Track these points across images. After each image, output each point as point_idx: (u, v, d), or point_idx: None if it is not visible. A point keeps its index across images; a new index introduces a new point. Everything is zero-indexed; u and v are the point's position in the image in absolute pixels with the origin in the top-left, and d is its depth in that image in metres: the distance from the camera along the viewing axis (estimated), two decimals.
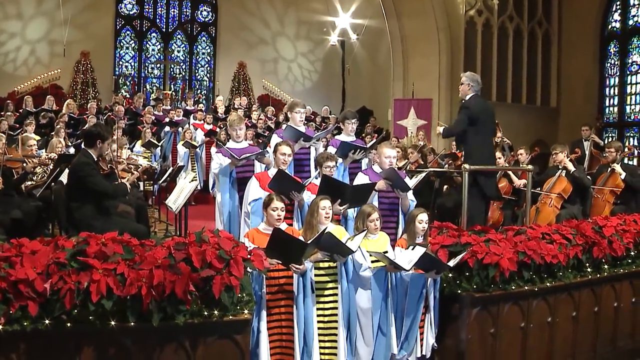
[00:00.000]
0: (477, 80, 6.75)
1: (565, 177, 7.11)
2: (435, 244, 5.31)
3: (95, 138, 5.07)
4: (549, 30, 15.11)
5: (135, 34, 17.87)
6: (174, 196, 5.53)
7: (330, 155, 5.76)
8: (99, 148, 5.09)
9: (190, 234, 4.14)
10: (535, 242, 5.44)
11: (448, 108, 14.13)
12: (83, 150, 5.05)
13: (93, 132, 5.12)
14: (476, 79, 6.76)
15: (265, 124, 14.05)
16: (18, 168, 7.04)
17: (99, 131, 5.12)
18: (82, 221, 4.75)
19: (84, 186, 4.81)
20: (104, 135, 5.10)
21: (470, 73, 6.84)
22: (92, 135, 5.10)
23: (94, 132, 5.12)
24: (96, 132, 5.11)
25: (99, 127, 5.23)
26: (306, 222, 4.88)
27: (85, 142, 5.11)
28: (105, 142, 5.10)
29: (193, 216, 8.65)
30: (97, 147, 5.08)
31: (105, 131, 5.16)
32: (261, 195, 5.18)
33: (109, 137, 5.19)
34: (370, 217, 5.02)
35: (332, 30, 17.95)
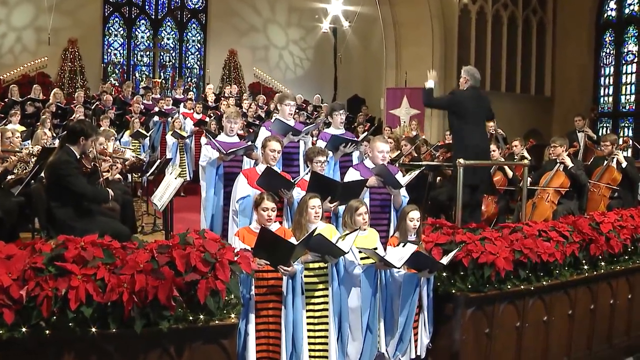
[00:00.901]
0: (474, 75, 6.81)
1: (562, 172, 6.97)
2: (429, 242, 5.17)
3: (79, 135, 4.86)
4: (543, 19, 14.95)
5: (124, 21, 17.56)
6: (160, 192, 5.34)
7: (321, 150, 5.58)
8: (82, 145, 4.87)
9: (173, 235, 3.97)
10: (532, 240, 5.31)
11: None
12: (65, 147, 4.83)
13: (76, 129, 4.90)
14: (473, 73, 6.83)
15: (256, 112, 13.84)
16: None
17: (82, 128, 4.90)
18: (63, 222, 4.56)
19: (64, 186, 4.61)
20: (88, 132, 4.87)
21: (469, 67, 6.99)
22: (75, 132, 4.88)
23: (77, 128, 4.90)
24: (79, 128, 4.89)
25: (82, 123, 4.99)
26: (295, 221, 4.72)
27: (68, 138, 4.89)
28: (89, 139, 4.88)
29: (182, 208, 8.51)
30: (80, 145, 4.87)
31: (89, 128, 4.93)
32: (249, 192, 5.02)
33: (94, 135, 4.97)
34: (357, 211, 4.87)
35: (324, 17, 17.69)
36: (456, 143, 6.85)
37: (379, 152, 5.46)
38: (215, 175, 5.59)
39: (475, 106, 6.65)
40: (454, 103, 6.75)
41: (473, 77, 6.74)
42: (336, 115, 6.56)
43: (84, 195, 4.69)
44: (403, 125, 13.24)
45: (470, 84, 6.74)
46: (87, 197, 4.70)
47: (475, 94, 6.75)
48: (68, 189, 4.62)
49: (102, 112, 12.00)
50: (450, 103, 6.84)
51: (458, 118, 6.71)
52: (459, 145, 6.74)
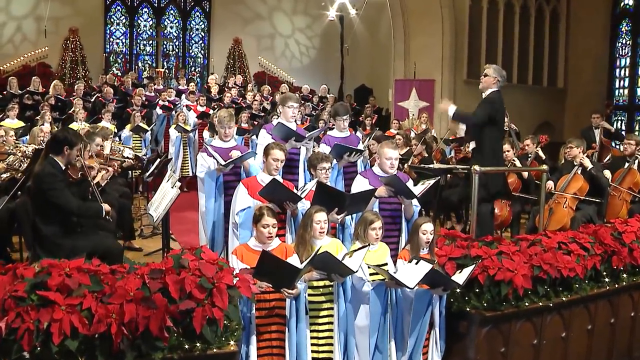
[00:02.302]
0: (504, 75, 6.09)
1: (581, 175, 6.58)
2: (443, 256, 4.86)
3: (62, 144, 4.54)
4: (557, 8, 14.50)
5: (126, 10, 17.19)
6: (156, 201, 5.04)
7: (325, 156, 5.24)
8: (66, 155, 4.56)
9: (167, 258, 3.67)
10: (552, 253, 4.99)
11: (451, 90, 13.56)
12: (49, 158, 4.52)
13: (59, 138, 4.58)
14: (503, 74, 6.09)
15: (261, 104, 13.49)
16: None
17: (65, 136, 4.58)
18: (49, 238, 4.26)
19: (48, 200, 4.30)
20: (72, 141, 4.54)
21: (497, 66, 6.15)
22: (58, 141, 4.56)
23: (60, 137, 4.59)
24: (62, 137, 4.57)
25: (66, 132, 4.65)
26: (298, 235, 4.41)
27: (51, 148, 4.57)
28: (74, 148, 4.55)
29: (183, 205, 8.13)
30: (64, 155, 4.56)
31: (73, 136, 4.59)
32: (250, 204, 4.70)
33: (79, 143, 4.64)
34: (372, 225, 4.56)
35: (331, 4, 17.25)
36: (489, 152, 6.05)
37: (387, 159, 5.11)
38: (215, 187, 5.26)
39: (503, 111, 6.14)
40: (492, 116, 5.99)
41: (503, 78, 6.06)
42: (339, 120, 6.22)
43: (70, 211, 4.37)
44: (412, 118, 12.86)
45: (498, 86, 6.01)
46: (73, 212, 4.39)
47: (502, 97, 6.09)
48: (53, 203, 4.31)
49: (103, 105, 11.68)
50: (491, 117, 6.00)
51: (492, 125, 6.04)
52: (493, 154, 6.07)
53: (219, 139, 5.69)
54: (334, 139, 6.15)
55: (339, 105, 6.57)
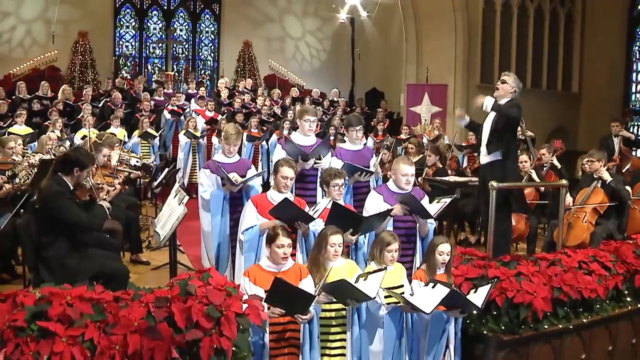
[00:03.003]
0: (520, 87, 5.93)
1: (601, 189, 6.37)
2: (459, 276, 4.69)
3: (73, 165, 4.40)
4: (572, 10, 14.25)
5: (135, 12, 17.08)
6: (163, 217, 4.89)
7: (338, 172, 5.04)
8: (76, 177, 4.43)
9: (173, 285, 3.52)
10: (572, 273, 4.82)
11: (464, 94, 13.33)
12: (57, 177, 4.37)
13: (71, 158, 4.43)
14: (520, 86, 5.94)
15: (271, 109, 13.33)
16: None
17: (77, 157, 4.43)
18: (54, 259, 4.12)
19: (57, 218, 4.15)
20: (84, 163, 4.41)
21: (512, 75, 5.97)
22: (69, 162, 4.41)
23: (72, 158, 4.43)
24: (74, 158, 4.43)
25: (78, 152, 4.52)
26: (312, 257, 4.25)
27: (61, 168, 4.43)
28: (84, 170, 4.40)
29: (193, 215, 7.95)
30: (74, 175, 4.42)
31: (85, 157, 4.47)
32: (256, 222, 4.52)
33: (90, 165, 4.49)
34: (389, 246, 4.40)
35: (341, 6, 17.04)
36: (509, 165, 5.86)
37: (403, 175, 4.94)
38: (222, 206, 5.09)
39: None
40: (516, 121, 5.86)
41: (519, 88, 5.89)
42: (352, 131, 6.03)
43: (80, 225, 4.23)
44: (424, 123, 12.65)
45: (514, 96, 5.84)
46: (84, 226, 4.25)
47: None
48: (61, 222, 4.17)
49: (111, 111, 11.58)
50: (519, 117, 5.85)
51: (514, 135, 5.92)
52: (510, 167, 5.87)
53: (222, 153, 5.52)
54: (346, 152, 5.97)
55: (352, 116, 6.35)
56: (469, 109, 13.31)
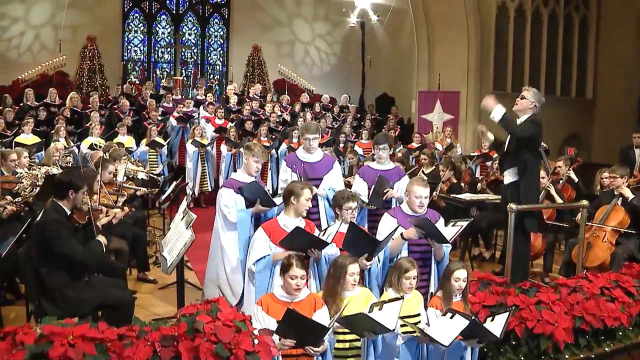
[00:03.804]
0: (542, 102, 5.73)
1: (621, 207, 6.14)
2: (476, 303, 4.52)
3: (67, 189, 4.25)
4: (586, 16, 14.01)
5: (144, 17, 16.92)
6: (170, 240, 4.72)
7: (351, 195, 4.86)
8: (72, 200, 4.28)
9: (180, 322, 3.36)
10: (594, 301, 4.64)
11: (477, 102, 13.09)
12: (53, 204, 4.24)
13: (63, 182, 4.28)
14: (542, 101, 5.74)
15: (280, 116, 13.16)
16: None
17: (70, 180, 4.28)
18: (55, 291, 3.97)
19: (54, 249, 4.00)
20: (77, 185, 4.25)
21: (536, 90, 5.78)
22: (62, 186, 4.27)
23: (64, 181, 4.28)
24: (67, 181, 4.27)
25: (71, 174, 4.36)
26: (329, 287, 4.07)
27: (55, 193, 4.29)
28: (79, 191, 4.25)
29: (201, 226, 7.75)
30: (69, 199, 4.27)
31: (78, 179, 4.31)
32: (269, 252, 4.32)
33: (84, 186, 4.33)
34: (407, 273, 4.25)
35: (351, 10, 16.86)
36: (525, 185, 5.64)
37: (417, 197, 4.75)
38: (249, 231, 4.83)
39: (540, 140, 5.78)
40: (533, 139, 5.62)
41: (540, 103, 5.69)
42: (377, 150, 5.85)
43: (75, 259, 4.07)
44: (436, 131, 12.45)
45: (534, 112, 5.65)
46: (79, 260, 4.08)
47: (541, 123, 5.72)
48: (58, 253, 4.02)
49: (119, 119, 11.46)
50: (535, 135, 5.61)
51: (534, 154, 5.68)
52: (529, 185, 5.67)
53: (245, 172, 5.19)
54: (372, 171, 5.80)
55: (380, 134, 6.08)
56: (481, 116, 13.23)
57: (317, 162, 5.72)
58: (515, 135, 5.62)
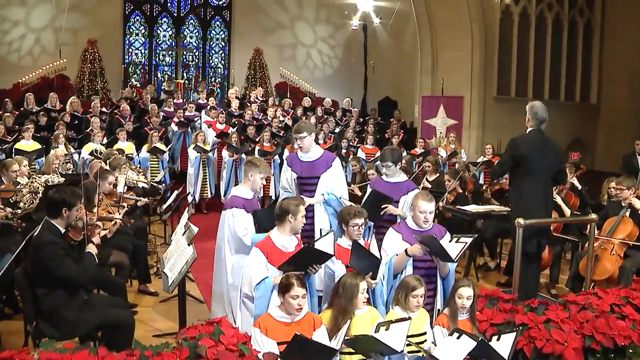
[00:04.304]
0: (537, 113, 5.62)
1: (630, 219, 6.03)
2: (484, 321, 4.42)
3: (60, 206, 4.15)
4: (591, 20, 13.89)
5: (145, 20, 16.84)
6: (172, 255, 4.61)
7: (358, 211, 4.74)
8: (65, 217, 4.18)
9: (182, 347, 3.27)
10: (604, 319, 4.52)
11: (481, 107, 13.02)
12: (46, 223, 4.13)
13: (56, 200, 4.16)
14: (536, 111, 5.63)
15: (282, 121, 13.05)
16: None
17: (63, 198, 4.16)
18: (53, 312, 3.86)
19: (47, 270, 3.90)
20: (71, 202, 4.15)
21: (531, 104, 5.71)
22: (55, 204, 4.16)
23: (57, 199, 4.16)
24: (60, 199, 4.15)
25: (63, 192, 4.23)
26: (340, 307, 3.96)
27: (49, 211, 4.19)
28: (72, 208, 4.14)
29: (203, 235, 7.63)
30: (63, 217, 4.17)
31: (71, 196, 4.19)
32: (268, 274, 4.16)
33: (78, 203, 4.23)
34: (414, 291, 4.15)
35: (354, 13, 16.76)
36: (511, 200, 5.87)
37: (421, 212, 4.64)
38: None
39: (539, 157, 5.56)
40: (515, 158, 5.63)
41: (535, 116, 5.60)
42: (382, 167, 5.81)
43: (70, 280, 3.96)
44: (439, 136, 12.34)
45: (531, 125, 5.64)
46: (74, 281, 3.98)
47: (538, 139, 5.62)
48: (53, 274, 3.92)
49: (119, 124, 11.37)
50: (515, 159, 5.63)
51: (517, 168, 5.65)
52: (514, 204, 5.78)
53: (246, 186, 5.02)
54: (384, 183, 5.72)
55: (387, 149, 5.95)
56: (485, 121, 13.16)
57: (316, 160, 5.64)
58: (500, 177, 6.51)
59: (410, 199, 5.24)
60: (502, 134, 12.65)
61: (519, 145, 5.59)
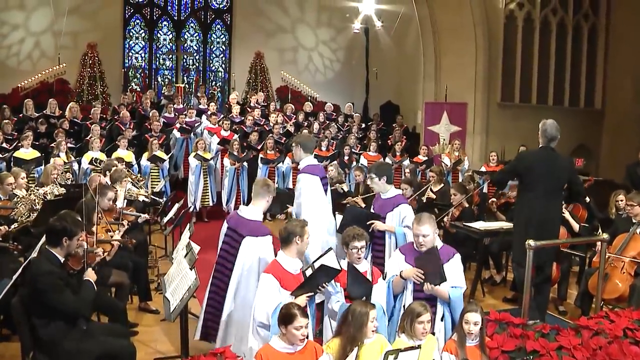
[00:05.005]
0: (545, 130, 5.59)
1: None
2: (494, 348, 4.29)
3: (61, 236, 4.02)
4: (596, 24, 13.74)
5: (145, 23, 16.71)
6: (174, 279, 4.47)
7: (358, 234, 4.58)
8: (65, 247, 4.05)
9: None
10: (617, 344, 4.40)
11: (484, 113, 12.88)
12: (45, 252, 4.00)
13: (57, 229, 4.03)
14: (545, 128, 5.60)
15: (284, 127, 12.93)
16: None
17: (64, 227, 4.03)
18: (51, 343, 3.73)
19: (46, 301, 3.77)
20: (72, 231, 4.03)
21: (543, 121, 5.68)
22: (56, 233, 4.03)
23: (58, 228, 4.03)
24: (61, 228, 4.02)
25: (65, 220, 4.09)
26: (348, 334, 3.82)
27: (48, 240, 4.06)
28: (73, 238, 4.02)
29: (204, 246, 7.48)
30: (63, 246, 4.04)
31: (72, 225, 4.06)
32: (281, 299, 4.00)
33: (79, 231, 4.09)
34: (420, 317, 4.02)
35: (355, 16, 16.62)
36: (515, 214, 5.84)
37: (415, 234, 4.51)
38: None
39: (544, 172, 5.49)
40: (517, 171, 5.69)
41: (544, 133, 5.57)
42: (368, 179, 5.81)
43: (68, 313, 3.83)
44: (442, 143, 12.20)
45: (542, 142, 5.60)
46: (70, 313, 3.84)
47: (546, 156, 5.58)
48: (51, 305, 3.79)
49: (119, 132, 11.24)
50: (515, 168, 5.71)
51: (522, 183, 5.64)
52: (517, 218, 5.75)
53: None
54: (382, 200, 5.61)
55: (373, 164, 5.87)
56: (488, 128, 13.03)
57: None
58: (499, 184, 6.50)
59: (398, 214, 5.27)
60: (506, 141, 12.56)
61: (525, 157, 5.76)
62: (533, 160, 5.58)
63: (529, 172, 5.52)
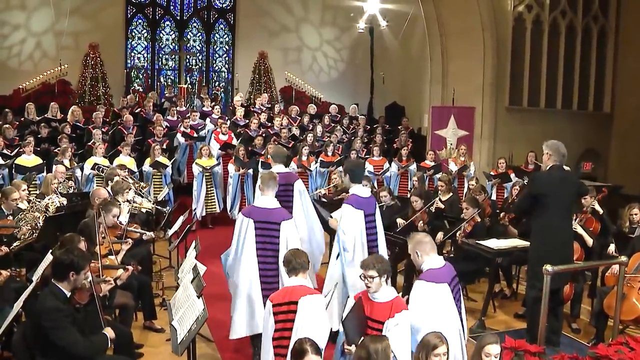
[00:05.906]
0: (558, 149, 5.59)
1: None
2: None
3: (68, 270, 3.88)
4: (605, 27, 13.50)
5: (147, 23, 16.52)
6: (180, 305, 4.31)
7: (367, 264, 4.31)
8: (72, 281, 3.91)
9: None
10: None
11: (492, 118, 12.68)
12: (51, 286, 3.86)
13: (64, 263, 3.89)
14: (557, 148, 5.59)
15: (289, 131, 12.75)
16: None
17: (71, 260, 3.89)
18: None
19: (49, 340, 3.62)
20: (79, 266, 3.89)
21: (552, 142, 5.64)
22: (63, 267, 3.89)
23: (65, 262, 3.89)
24: (68, 262, 3.88)
25: (72, 254, 3.96)
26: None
27: (55, 274, 3.91)
28: (80, 272, 3.88)
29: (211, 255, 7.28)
30: (70, 281, 3.91)
31: (80, 259, 3.92)
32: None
33: (86, 265, 3.96)
34: (435, 350, 3.85)
35: (360, 16, 16.39)
36: (532, 235, 5.74)
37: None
38: None
39: (557, 192, 5.47)
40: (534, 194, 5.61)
41: (557, 152, 5.55)
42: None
43: (76, 354, 3.69)
44: (450, 147, 12.02)
45: (553, 160, 5.57)
46: (79, 354, 3.70)
47: (559, 176, 5.56)
48: (56, 344, 3.64)
49: (122, 137, 11.09)
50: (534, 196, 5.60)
51: (538, 204, 5.55)
52: (534, 239, 5.68)
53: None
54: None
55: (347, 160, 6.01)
56: (496, 132, 12.84)
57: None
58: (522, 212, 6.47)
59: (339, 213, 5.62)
60: (514, 146, 12.38)
61: (539, 185, 5.60)
62: (547, 181, 5.58)
63: (546, 198, 5.48)
